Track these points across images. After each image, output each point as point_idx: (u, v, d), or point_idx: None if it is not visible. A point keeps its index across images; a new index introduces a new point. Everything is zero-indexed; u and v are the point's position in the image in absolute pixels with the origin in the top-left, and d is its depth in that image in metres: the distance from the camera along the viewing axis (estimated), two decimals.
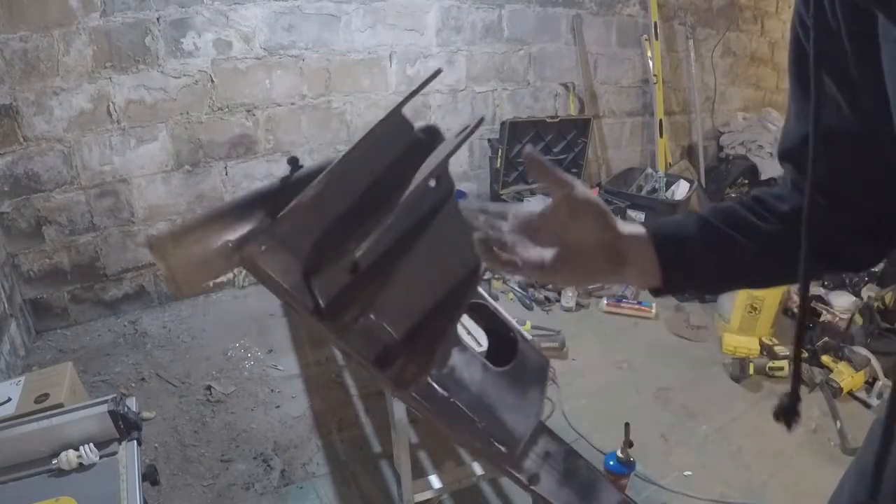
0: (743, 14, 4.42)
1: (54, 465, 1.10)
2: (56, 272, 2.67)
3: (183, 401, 2.19)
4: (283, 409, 2.15)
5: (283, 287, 0.37)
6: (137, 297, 2.88)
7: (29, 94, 2.37)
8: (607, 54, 3.78)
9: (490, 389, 0.46)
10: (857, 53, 0.46)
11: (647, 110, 4.09)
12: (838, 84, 0.50)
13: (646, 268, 0.58)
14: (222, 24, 2.63)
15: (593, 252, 0.57)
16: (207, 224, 0.38)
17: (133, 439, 1.17)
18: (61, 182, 2.55)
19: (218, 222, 0.38)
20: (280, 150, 2.97)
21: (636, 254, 0.58)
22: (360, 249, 0.37)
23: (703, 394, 2.25)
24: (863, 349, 2.30)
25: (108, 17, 2.41)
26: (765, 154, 4.32)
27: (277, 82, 2.84)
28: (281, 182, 0.41)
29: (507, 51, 3.40)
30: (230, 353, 2.49)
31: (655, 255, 0.58)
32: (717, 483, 1.80)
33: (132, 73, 2.53)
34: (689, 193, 3.48)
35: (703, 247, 0.59)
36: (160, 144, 2.69)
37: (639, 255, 0.58)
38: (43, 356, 2.53)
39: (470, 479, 1.65)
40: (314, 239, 0.38)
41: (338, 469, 1.86)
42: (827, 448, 1.97)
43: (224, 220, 0.39)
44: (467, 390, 0.45)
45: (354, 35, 2.94)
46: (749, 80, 4.79)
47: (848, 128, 0.51)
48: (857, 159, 0.52)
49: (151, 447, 1.93)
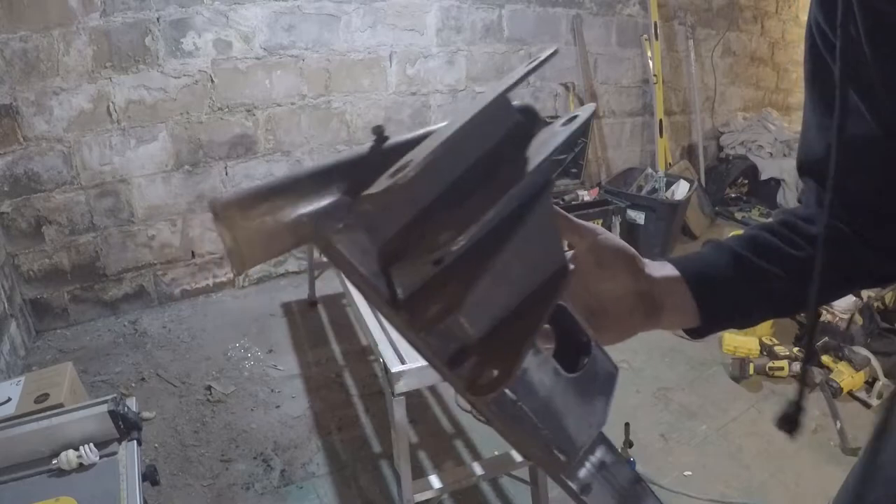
0: (743, 14, 4.43)
1: (54, 465, 1.09)
2: (56, 272, 2.67)
3: (183, 401, 2.19)
4: (283, 409, 2.15)
5: (359, 272, 0.34)
6: (137, 297, 2.88)
7: (29, 94, 2.37)
8: (607, 54, 3.78)
9: (558, 395, 0.43)
10: (880, 62, 0.45)
11: (647, 110, 4.09)
12: (862, 94, 0.49)
13: (684, 311, 0.55)
14: (222, 24, 2.63)
15: (627, 304, 0.52)
16: (280, 193, 0.33)
17: (133, 439, 1.17)
18: (61, 182, 2.55)
19: (292, 192, 0.34)
20: (280, 150, 2.97)
21: (673, 299, 0.54)
22: (456, 244, 0.34)
23: (703, 394, 2.25)
24: (863, 349, 2.30)
25: (108, 17, 2.41)
26: (765, 154, 4.32)
27: (277, 82, 2.84)
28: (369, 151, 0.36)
29: (507, 51, 3.40)
30: (230, 353, 2.49)
31: (692, 297, 0.54)
32: (717, 483, 1.80)
33: (132, 73, 2.53)
34: (689, 193, 3.48)
35: (739, 283, 0.55)
36: (160, 144, 2.69)
37: (676, 300, 0.54)
38: (43, 356, 2.53)
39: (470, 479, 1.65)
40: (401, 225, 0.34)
41: (338, 469, 1.86)
42: (827, 448, 1.96)
43: (299, 189, 0.34)
44: (535, 394, 0.41)
45: (354, 35, 2.94)
46: (749, 80, 4.79)
47: (873, 138, 0.49)
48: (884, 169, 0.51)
49: (151, 447, 1.93)
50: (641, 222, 3.39)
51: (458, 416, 2.07)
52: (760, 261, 0.55)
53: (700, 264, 0.56)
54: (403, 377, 1.32)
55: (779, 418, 0.50)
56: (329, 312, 2.83)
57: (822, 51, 0.51)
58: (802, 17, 4.83)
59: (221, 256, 3.03)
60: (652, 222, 3.36)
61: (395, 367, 1.33)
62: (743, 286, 0.56)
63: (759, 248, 0.56)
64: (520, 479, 1.75)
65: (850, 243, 0.54)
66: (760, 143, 4.34)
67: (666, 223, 3.33)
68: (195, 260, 2.97)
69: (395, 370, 1.32)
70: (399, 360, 1.37)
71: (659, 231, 3.35)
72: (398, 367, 1.33)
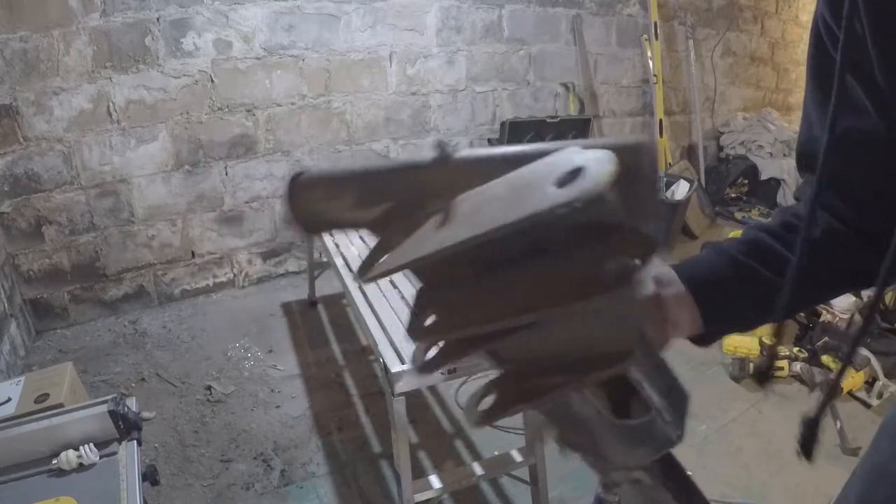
0: (743, 14, 4.43)
1: (54, 465, 1.09)
2: (56, 272, 2.67)
3: (183, 401, 2.19)
4: (283, 409, 2.15)
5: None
6: (137, 297, 2.88)
7: (29, 94, 2.37)
8: (607, 54, 3.78)
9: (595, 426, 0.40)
10: (884, 60, 0.45)
11: (647, 110, 4.09)
12: (865, 88, 0.48)
13: (688, 322, 0.55)
14: (222, 24, 2.63)
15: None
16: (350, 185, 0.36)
17: (133, 439, 1.17)
18: (61, 182, 2.55)
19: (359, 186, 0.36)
20: (280, 150, 2.97)
21: (678, 312, 0.54)
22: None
23: (703, 394, 2.25)
24: (863, 349, 2.29)
25: (108, 17, 2.41)
26: (765, 154, 4.32)
27: (277, 82, 2.84)
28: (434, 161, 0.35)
29: (507, 51, 3.40)
30: (230, 353, 2.49)
31: (696, 307, 0.54)
32: (717, 483, 1.80)
33: (132, 73, 2.53)
34: (689, 193, 3.48)
35: (742, 290, 0.55)
36: (160, 144, 2.70)
37: (681, 312, 0.54)
38: (43, 356, 2.53)
39: (470, 479, 1.65)
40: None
41: (338, 469, 1.86)
42: (827, 448, 1.96)
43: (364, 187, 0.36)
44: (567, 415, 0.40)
45: (354, 35, 2.94)
46: (749, 80, 4.79)
47: (875, 132, 0.49)
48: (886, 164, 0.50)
49: (151, 447, 1.93)
50: None
51: (458, 416, 2.07)
52: (762, 267, 0.55)
53: (702, 272, 0.56)
54: (403, 377, 1.32)
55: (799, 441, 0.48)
56: (329, 312, 2.83)
57: (827, 46, 0.51)
58: (802, 17, 4.83)
59: (221, 256, 3.04)
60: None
61: (395, 367, 1.33)
62: (746, 293, 0.56)
63: (760, 253, 0.56)
64: (520, 479, 1.75)
65: (849, 243, 0.53)
66: (760, 143, 4.34)
67: (666, 223, 3.34)
68: (195, 260, 2.97)
69: (395, 370, 1.32)
70: (399, 360, 1.37)
71: (659, 231, 3.35)
72: (398, 367, 1.33)
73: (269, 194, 3.02)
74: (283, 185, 0.36)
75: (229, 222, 2.99)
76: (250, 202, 3.00)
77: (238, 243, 3.05)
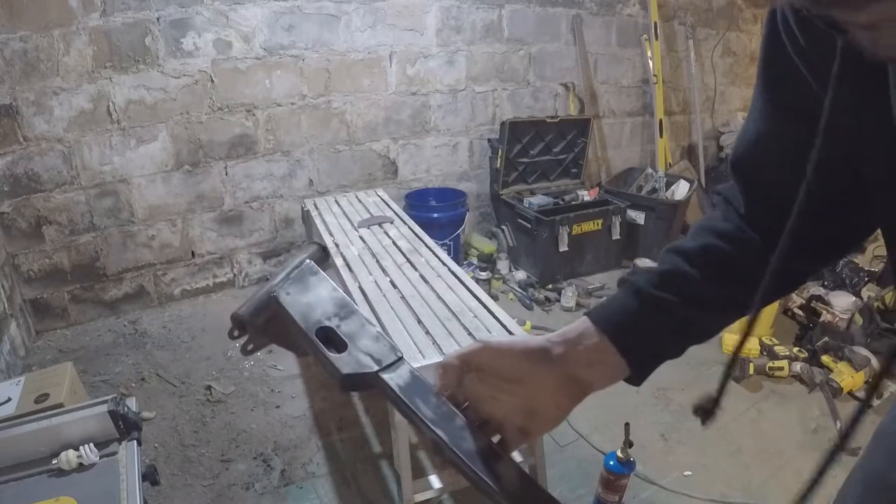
0: (743, 14, 4.42)
1: (54, 465, 1.10)
2: (56, 272, 2.68)
3: (183, 401, 2.19)
4: (283, 409, 2.15)
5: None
6: (137, 297, 2.88)
7: (29, 94, 2.37)
8: (607, 54, 3.78)
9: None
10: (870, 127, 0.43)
11: (647, 110, 4.08)
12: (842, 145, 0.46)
13: (613, 367, 0.54)
14: (222, 24, 2.63)
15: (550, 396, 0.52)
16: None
17: (133, 439, 1.17)
18: (61, 182, 2.56)
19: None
20: (280, 150, 2.97)
21: (598, 365, 0.53)
22: None
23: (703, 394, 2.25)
24: (863, 349, 2.30)
25: (108, 17, 2.41)
26: None
27: (277, 82, 2.84)
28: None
29: (507, 51, 3.40)
30: (230, 353, 2.49)
31: (616, 352, 0.53)
32: (717, 483, 1.80)
33: (132, 73, 2.53)
34: (689, 193, 3.48)
35: (661, 326, 0.55)
36: (160, 144, 2.70)
37: (601, 365, 0.53)
38: (43, 356, 2.53)
39: None
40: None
41: (338, 469, 1.86)
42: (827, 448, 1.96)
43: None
44: None
45: (354, 35, 2.94)
46: (749, 80, 4.78)
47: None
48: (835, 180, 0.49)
49: (151, 447, 1.93)
50: (641, 222, 3.39)
51: None
52: (677, 297, 0.55)
53: (615, 315, 0.55)
54: None
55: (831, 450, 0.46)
56: None
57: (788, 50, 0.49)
58: None
59: (221, 256, 3.04)
60: (652, 222, 3.36)
61: None
62: (665, 327, 0.55)
63: (675, 283, 0.56)
64: None
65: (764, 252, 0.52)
66: None
67: (666, 223, 3.34)
68: (195, 260, 2.97)
69: None
70: None
71: (659, 231, 3.35)
72: None
73: (268, 194, 3.02)
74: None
75: (229, 222, 2.99)
76: (250, 202, 3.00)
77: (238, 243, 3.05)
